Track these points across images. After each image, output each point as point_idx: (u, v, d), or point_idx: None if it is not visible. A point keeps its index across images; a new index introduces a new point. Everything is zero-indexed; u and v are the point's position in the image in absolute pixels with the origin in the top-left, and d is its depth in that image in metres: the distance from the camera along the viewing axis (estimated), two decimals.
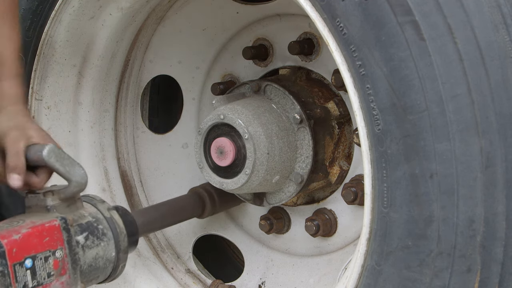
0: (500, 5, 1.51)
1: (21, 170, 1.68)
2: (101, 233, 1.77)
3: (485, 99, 1.48)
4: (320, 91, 2.20)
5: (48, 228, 1.65)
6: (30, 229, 1.62)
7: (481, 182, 1.49)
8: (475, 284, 1.53)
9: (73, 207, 1.75)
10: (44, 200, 1.71)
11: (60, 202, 1.72)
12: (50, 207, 1.71)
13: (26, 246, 1.61)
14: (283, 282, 2.38)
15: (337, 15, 1.58)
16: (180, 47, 2.47)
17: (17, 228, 1.63)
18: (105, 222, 1.79)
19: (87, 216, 1.77)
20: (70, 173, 1.70)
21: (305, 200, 2.31)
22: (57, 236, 1.67)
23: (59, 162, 1.69)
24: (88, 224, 1.75)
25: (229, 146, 2.06)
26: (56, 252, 1.66)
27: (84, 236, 1.73)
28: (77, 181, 1.71)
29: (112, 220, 1.81)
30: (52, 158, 1.68)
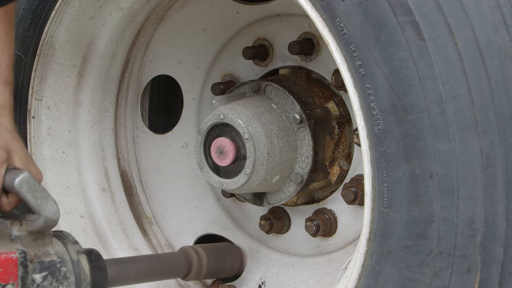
0: (500, 5, 1.51)
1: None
2: (63, 276, 1.65)
3: (485, 99, 1.48)
4: (320, 91, 2.19)
5: (4, 259, 1.55)
6: None
7: (481, 182, 1.49)
8: (475, 284, 1.53)
9: (40, 241, 1.64)
10: (10, 229, 1.63)
11: (26, 234, 1.63)
12: (14, 238, 1.62)
13: None
14: (283, 282, 2.38)
15: (337, 15, 1.58)
16: (180, 47, 2.47)
17: None
18: (70, 265, 1.67)
19: (52, 255, 1.66)
20: (41, 207, 1.62)
21: (305, 200, 2.31)
22: (12, 270, 1.56)
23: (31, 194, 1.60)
24: (50, 264, 1.64)
25: (229, 146, 2.06)
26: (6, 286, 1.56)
27: (43, 275, 1.62)
28: (47, 217, 1.62)
29: (78, 264, 1.69)
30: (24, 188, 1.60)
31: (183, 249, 2.22)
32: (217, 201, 2.57)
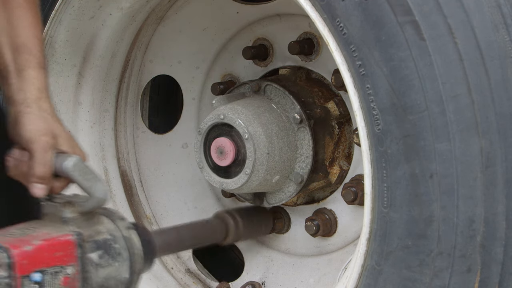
0: (500, 5, 1.51)
1: (47, 181, 1.63)
2: (117, 253, 1.67)
3: (485, 99, 1.48)
4: (320, 91, 2.20)
5: (62, 242, 1.57)
6: (42, 241, 1.55)
7: (481, 182, 1.49)
8: (475, 284, 1.53)
9: (90, 221, 1.66)
10: (62, 211, 1.64)
11: (77, 215, 1.64)
12: (67, 219, 1.63)
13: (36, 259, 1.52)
14: (283, 282, 2.38)
15: (337, 15, 1.58)
16: (180, 47, 2.47)
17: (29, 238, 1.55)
18: (122, 241, 1.69)
19: (104, 233, 1.67)
20: (92, 188, 1.63)
21: (305, 200, 2.31)
22: (70, 251, 1.58)
23: (82, 176, 1.62)
24: (104, 241, 1.66)
25: (229, 146, 2.06)
26: (67, 268, 1.57)
27: (99, 254, 1.64)
28: (98, 197, 1.64)
29: (130, 240, 1.70)
30: (76, 172, 1.61)
31: (219, 213, 2.25)
32: (217, 201, 2.57)
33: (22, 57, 1.67)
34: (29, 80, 1.66)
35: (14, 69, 1.66)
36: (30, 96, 1.65)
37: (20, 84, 1.66)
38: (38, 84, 1.67)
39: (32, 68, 1.67)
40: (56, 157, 1.63)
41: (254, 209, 2.32)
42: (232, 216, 2.21)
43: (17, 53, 1.67)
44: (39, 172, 1.61)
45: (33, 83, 1.67)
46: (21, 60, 1.67)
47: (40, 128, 1.63)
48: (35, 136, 1.61)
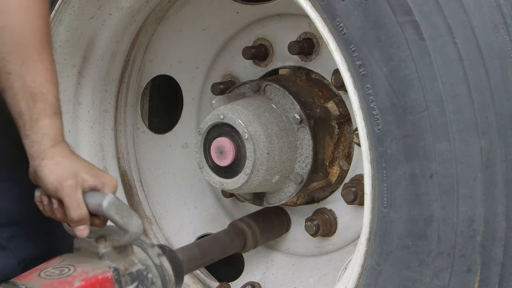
0: (500, 5, 1.51)
1: (86, 220, 1.64)
2: (151, 282, 1.70)
3: (485, 99, 1.48)
4: (320, 91, 2.19)
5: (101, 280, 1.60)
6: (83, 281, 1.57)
7: (481, 182, 1.49)
8: (475, 284, 1.53)
9: (124, 253, 1.69)
10: (96, 247, 1.66)
11: (112, 250, 1.67)
12: (102, 255, 1.65)
13: None
14: (283, 282, 2.38)
15: (337, 15, 1.58)
16: (180, 47, 2.47)
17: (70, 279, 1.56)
18: (155, 270, 1.72)
19: (137, 264, 1.70)
20: (128, 224, 1.64)
21: (305, 200, 2.31)
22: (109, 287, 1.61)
23: (119, 215, 1.63)
24: (138, 273, 1.68)
25: (229, 146, 2.06)
26: None
27: (134, 286, 1.66)
28: (134, 232, 1.65)
29: (162, 267, 1.74)
30: (112, 211, 1.62)
31: (234, 223, 2.26)
32: (217, 201, 2.57)
33: (37, 106, 1.65)
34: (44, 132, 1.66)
35: (29, 119, 1.65)
36: (44, 148, 1.66)
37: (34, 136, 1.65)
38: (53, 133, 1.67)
39: (47, 117, 1.67)
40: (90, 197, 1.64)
41: (268, 212, 2.32)
42: (247, 224, 2.23)
43: (32, 102, 1.65)
44: (75, 216, 1.62)
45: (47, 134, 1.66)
46: (36, 109, 1.65)
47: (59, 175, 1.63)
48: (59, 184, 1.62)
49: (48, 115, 1.67)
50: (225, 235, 2.21)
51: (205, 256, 2.10)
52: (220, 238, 2.19)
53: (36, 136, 1.65)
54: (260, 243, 2.28)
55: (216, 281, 2.50)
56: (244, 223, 2.24)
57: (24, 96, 1.65)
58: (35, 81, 1.66)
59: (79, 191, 1.63)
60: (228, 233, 2.22)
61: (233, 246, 2.20)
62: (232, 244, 2.20)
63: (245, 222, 2.24)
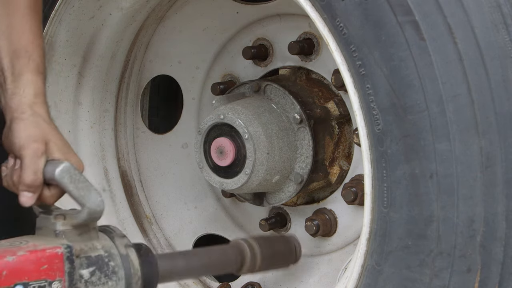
0: (500, 5, 1.51)
1: (36, 189, 1.56)
2: (111, 271, 1.56)
3: (485, 99, 1.48)
4: (320, 91, 2.19)
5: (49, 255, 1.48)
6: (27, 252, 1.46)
7: (481, 182, 1.49)
8: (475, 284, 1.53)
9: (85, 236, 1.56)
10: (54, 223, 1.55)
11: (71, 228, 1.55)
12: (59, 232, 1.54)
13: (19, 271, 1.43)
14: (283, 282, 2.38)
15: (337, 15, 1.58)
16: (180, 47, 2.47)
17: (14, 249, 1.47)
18: (119, 259, 1.58)
19: (99, 249, 1.57)
20: (85, 198, 1.54)
21: (305, 200, 2.31)
22: (58, 265, 1.48)
23: (73, 184, 1.53)
24: (97, 258, 1.55)
25: (229, 146, 2.06)
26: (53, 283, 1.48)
27: (90, 271, 1.53)
28: (90, 208, 1.54)
29: (127, 258, 1.59)
30: (65, 179, 1.52)
31: (235, 242, 2.06)
32: (217, 201, 2.57)
33: (20, 62, 1.62)
34: (25, 85, 1.61)
35: (11, 74, 1.62)
36: (25, 101, 1.60)
37: (15, 89, 1.61)
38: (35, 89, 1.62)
39: (29, 72, 1.62)
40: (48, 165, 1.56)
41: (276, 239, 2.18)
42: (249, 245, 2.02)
43: (16, 58, 1.62)
44: (27, 179, 1.55)
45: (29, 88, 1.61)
46: (19, 64, 1.62)
47: (31, 134, 1.57)
48: (26, 143, 1.56)
49: (31, 71, 1.62)
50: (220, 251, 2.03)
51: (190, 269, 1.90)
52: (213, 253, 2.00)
53: (17, 89, 1.60)
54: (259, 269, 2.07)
55: (216, 281, 2.50)
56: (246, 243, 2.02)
57: (8, 53, 1.62)
58: (20, 40, 1.63)
59: (42, 158, 1.56)
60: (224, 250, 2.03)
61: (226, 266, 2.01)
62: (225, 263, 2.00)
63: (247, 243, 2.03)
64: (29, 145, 1.55)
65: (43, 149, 1.56)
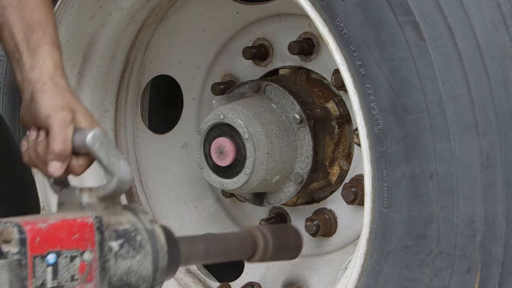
0: (500, 5, 1.51)
1: (66, 158, 1.50)
2: (139, 245, 1.50)
3: (485, 99, 1.48)
4: (320, 91, 2.19)
5: (80, 224, 1.41)
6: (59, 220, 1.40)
7: (481, 182, 1.49)
8: (475, 284, 1.53)
9: (111, 210, 1.51)
10: (80, 196, 1.49)
11: (97, 202, 1.49)
12: (85, 205, 1.48)
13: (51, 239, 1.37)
14: (283, 282, 2.38)
15: (337, 15, 1.58)
16: (180, 47, 2.47)
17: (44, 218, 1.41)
18: (145, 234, 1.52)
19: (125, 223, 1.51)
20: (115, 166, 1.47)
21: (305, 200, 2.31)
22: (89, 235, 1.42)
23: (104, 151, 1.47)
24: (125, 232, 1.49)
25: (229, 146, 2.06)
26: (84, 253, 1.42)
27: (119, 243, 1.47)
28: (120, 177, 1.48)
29: (153, 233, 1.54)
30: (96, 145, 1.46)
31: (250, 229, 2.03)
32: (217, 201, 2.57)
33: (36, 35, 1.58)
34: (44, 57, 1.57)
35: (26, 49, 1.58)
36: (45, 73, 1.56)
37: (34, 62, 1.57)
38: (53, 60, 1.58)
39: (46, 45, 1.58)
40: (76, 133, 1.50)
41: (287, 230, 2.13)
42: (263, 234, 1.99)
43: (30, 32, 1.58)
44: (57, 148, 1.49)
45: (48, 60, 1.57)
46: (34, 38, 1.58)
47: (58, 103, 1.53)
48: (53, 112, 1.51)
49: (47, 44, 1.59)
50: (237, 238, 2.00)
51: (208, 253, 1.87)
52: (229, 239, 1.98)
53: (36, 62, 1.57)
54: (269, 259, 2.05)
55: (216, 281, 2.50)
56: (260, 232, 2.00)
57: (21, 29, 1.59)
58: (32, 13, 1.60)
59: (71, 126, 1.51)
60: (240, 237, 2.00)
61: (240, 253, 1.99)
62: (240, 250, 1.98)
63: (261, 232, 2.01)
64: (56, 113, 1.51)
65: (71, 117, 1.52)
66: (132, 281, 1.50)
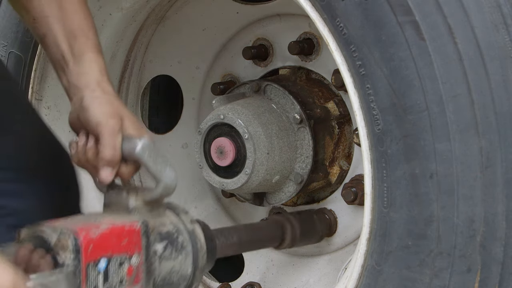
0: (500, 5, 1.51)
1: (116, 165, 1.57)
2: (180, 246, 1.59)
3: (485, 99, 1.48)
4: (320, 91, 2.20)
5: (129, 230, 1.49)
6: (109, 227, 1.47)
7: (481, 182, 1.49)
8: (475, 284, 1.53)
9: (155, 212, 1.58)
10: (127, 199, 1.56)
11: (143, 205, 1.56)
12: (132, 208, 1.55)
13: (103, 245, 1.44)
14: (283, 282, 2.38)
15: (337, 15, 1.58)
16: (180, 47, 2.47)
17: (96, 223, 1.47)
18: (186, 235, 1.61)
19: (168, 225, 1.59)
20: (162, 173, 1.55)
21: (305, 200, 2.31)
22: (136, 240, 1.50)
23: (152, 160, 1.54)
24: (168, 234, 1.57)
25: (229, 146, 2.06)
26: (132, 257, 1.49)
27: (163, 245, 1.55)
28: (167, 183, 1.56)
29: (193, 233, 1.62)
30: (146, 155, 1.53)
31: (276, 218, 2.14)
32: (217, 201, 2.57)
33: (79, 42, 1.62)
34: (89, 64, 1.61)
35: (72, 56, 1.61)
36: (92, 79, 1.61)
37: (80, 68, 1.61)
38: (99, 66, 1.62)
39: (90, 51, 1.62)
40: (124, 141, 1.56)
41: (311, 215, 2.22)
42: (289, 221, 2.10)
43: (73, 39, 1.62)
44: (108, 155, 1.55)
45: (94, 66, 1.62)
46: (78, 44, 1.62)
47: (107, 111, 1.58)
48: (104, 119, 1.56)
49: (91, 50, 1.63)
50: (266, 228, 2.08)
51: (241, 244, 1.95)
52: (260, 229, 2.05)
53: (83, 68, 1.61)
54: (298, 244, 2.15)
55: (216, 281, 2.50)
56: (286, 219, 2.10)
57: (65, 36, 1.62)
58: (73, 20, 1.63)
59: (120, 134, 1.57)
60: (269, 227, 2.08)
61: (270, 241, 2.07)
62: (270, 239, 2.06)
63: (287, 219, 2.11)
64: (106, 121, 1.56)
65: (120, 124, 1.58)
66: (174, 281, 1.57)
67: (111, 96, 1.61)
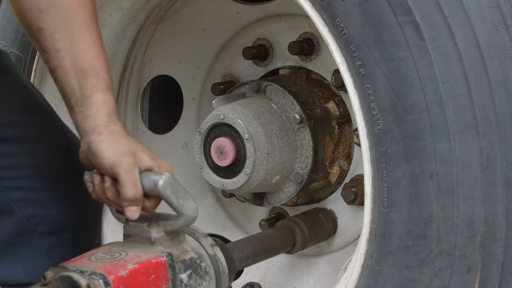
0: (500, 5, 1.51)
1: (140, 201, 1.57)
2: (204, 272, 1.62)
3: (485, 99, 1.48)
4: (320, 91, 2.20)
5: (155, 264, 1.51)
6: (136, 264, 1.49)
7: (481, 182, 1.49)
8: (475, 284, 1.53)
9: (176, 240, 1.60)
10: (148, 231, 1.58)
11: (164, 235, 1.59)
12: (155, 240, 1.57)
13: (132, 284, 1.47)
14: (283, 282, 2.38)
15: (337, 15, 1.58)
16: (180, 47, 2.47)
17: (122, 262, 1.49)
18: (208, 260, 1.64)
19: (190, 252, 1.61)
20: (183, 206, 1.57)
21: (305, 200, 2.31)
22: (163, 273, 1.52)
23: (174, 195, 1.56)
24: (191, 261, 1.60)
25: (229, 146, 2.06)
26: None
27: (188, 274, 1.58)
28: (188, 215, 1.58)
29: (215, 258, 1.65)
30: (168, 190, 1.55)
31: (283, 223, 2.18)
32: (217, 201, 2.57)
33: (89, 82, 1.58)
34: (98, 107, 1.58)
35: (81, 96, 1.59)
36: (99, 123, 1.58)
37: (88, 111, 1.58)
38: (107, 109, 1.59)
39: (100, 92, 1.59)
40: (144, 176, 1.57)
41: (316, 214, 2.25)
42: (297, 224, 2.15)
43: (84, 78, 1.59)
44: (130, 194, 1.55)
45: (102, 109, 1.58)
46: (88, 85, 1.58)
47: (118, 150, 1.56)
48: (117, 160, 1.54)
49: (101, 91, 1.59)
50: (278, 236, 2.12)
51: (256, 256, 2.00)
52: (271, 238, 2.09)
53: (90, 111, 1.58)
54: (308, 245, 2.20)
55: None
56: (293, 223, 2.15)
57: (75, 74, 1.59)
58: (85, 57, 1.59)
59: (136, 169, 1.56)
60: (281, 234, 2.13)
61: (283, 247, 2.12)
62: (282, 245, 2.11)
63: (294, 222, 2.15)
64: (120, 161, 1.55)
65: (134, 160, 1.56)
66: None
67: (118, 135, 1.59)
